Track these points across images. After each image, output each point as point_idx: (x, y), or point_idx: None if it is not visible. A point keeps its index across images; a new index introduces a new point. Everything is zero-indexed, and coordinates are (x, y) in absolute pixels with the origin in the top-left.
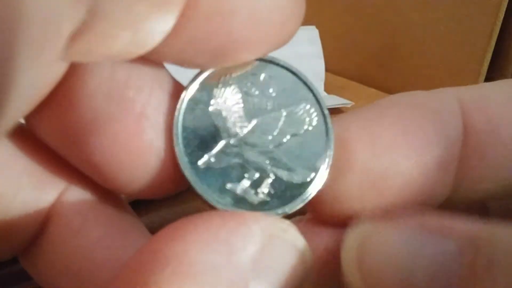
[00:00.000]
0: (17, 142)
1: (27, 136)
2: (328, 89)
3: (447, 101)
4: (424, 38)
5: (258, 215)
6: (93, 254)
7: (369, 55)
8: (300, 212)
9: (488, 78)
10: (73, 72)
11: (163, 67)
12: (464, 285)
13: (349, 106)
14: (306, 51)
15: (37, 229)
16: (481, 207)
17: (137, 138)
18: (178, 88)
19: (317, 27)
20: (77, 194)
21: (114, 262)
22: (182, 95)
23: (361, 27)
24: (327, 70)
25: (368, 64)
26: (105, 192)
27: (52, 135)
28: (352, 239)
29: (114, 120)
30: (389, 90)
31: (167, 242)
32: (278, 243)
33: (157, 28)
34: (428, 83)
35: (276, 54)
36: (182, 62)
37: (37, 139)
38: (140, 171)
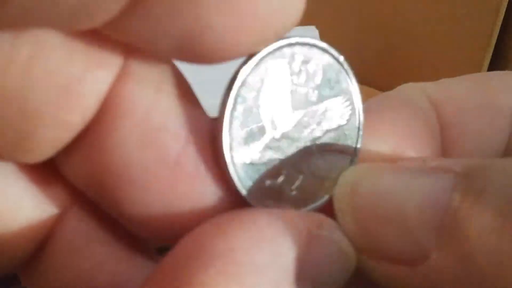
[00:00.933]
0: None
1: None
2: None
3: (420, 101)
4: (424, 38)
5: (304, 213)
6: (95, 277)
7: (369, 55)
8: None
9: None
10: (105, 113)
11: (200, 106)
12: (455, 214)
13: None
14: None
15: (38, 247)
16: None
17: (171, 190)
18: (217, 128)
19: (317, 27)
20: (80, 213)
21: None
22: (229, 86)
23: (361, 27)
24: None
25: (368, 64)
26: None
27: (81, 178)
28: (346, 176)
29: (146, 169)
30: (389, 90)
31: (211, 239)
32: (324, 244)
33: None
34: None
35: None
36: (149, 45)
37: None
38: (172, 223)
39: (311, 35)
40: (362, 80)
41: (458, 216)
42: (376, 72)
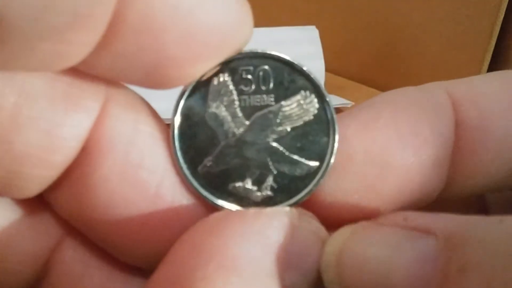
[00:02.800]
0: None
1: None
2: (328, 89)
3: (439, 97)
4: (424, 38)
5: (285, 208)
6: None
7: (369, 55)
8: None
9: None
10: (88, 152)
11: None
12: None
13: (349, 106)
14: (306, 51)
15: (37, 277)
16: (479, 199)
17: (152, 220)
18: (170, 147)
19: (317, 27)
20: (75, 242)
21: None
22: (177, 103)
23: (361, 27)
24: (327, 70)
25: (368, 64)
26: None
27: (68, 212)
28: (332, 243)
29: (128, 202)
30: (389, 90)
31: (206, 237)
32: (306, 234)
33: (80, 39)
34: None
35: None
36: (118, 77)
37: None
38: (157, 249)
39: (311, 35)
40: (362, 80)
41: None
42: (376, 72)
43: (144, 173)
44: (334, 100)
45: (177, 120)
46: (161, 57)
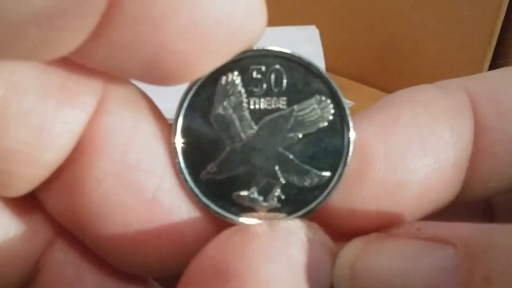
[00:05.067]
0: None
1: None
2: None
3: (458, 96)
4: (424, 38)
5: (298, 221)
6: None
7: (369, 55)
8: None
9: None
10: (82, 151)
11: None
12: None
13: (349, 106)
14: (306, 51)
15: (27, 279)
16: (484, 201)
17: (148, 225)
18: (172, 153)
19: (317, 27)
20: (67, 244)
21: None
22: (181, 102)
23: (361, 27)
24: (327, 70)
25: (368, 64)
26: None
27: (60, 213)
28: (344, 256)
29: (123, 206)
30: (389, 90)
31: (230, 260)
32: (317, 246)
33: (72, 26)
34: (428, 83)
35: None
36: (116, 71)
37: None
38: (151, 256)
39: (311, 34)
40: (362, 80)
41: None
42: (377, 72)
43: (141, 175)
44: None
45: (180, 121)
46: (161, 49)
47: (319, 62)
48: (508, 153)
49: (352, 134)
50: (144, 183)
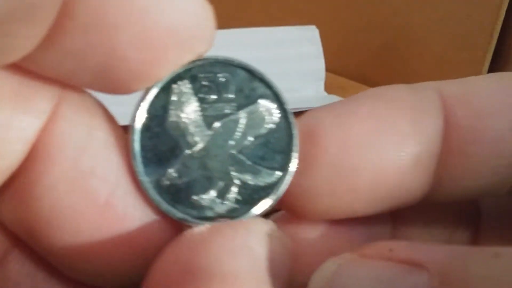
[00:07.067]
0: None
1: None
2: (328, 89)
3: (427, 95)
4: (424, 38)
5: (255, 219)
6: None
7: (369, 55)
8: (273, 210)
9: None
10: (35, 158)
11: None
12: None
13: None
14: (306, 51)
15: None
16: (471, 205)
17: (101, 231)
18: (129, 157)
19: (317, 27)
20: (23, 255)
21: None
22: (135, 110)
23: (361, 27)
24: (327, 70)
25: (369, 64)
26: None
27: (13, 222)
28: (317, 280)
29: (75, 212)
30: None
31: (195, 256)
32: (276, 242)
33: (22, 32)
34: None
35: (276, 54)
36: (68, 78)
37: None
38: (106, 264)
39: (311, 34)
40: (362, 80)
41: None
42: (377, 72)
43: (94, 182)
44: (335, 100)
45: (137, 129)
46: (112, 58)
47: (319, 62)
48: (480, 152)
49: (296, 134)
50: (97, 189)
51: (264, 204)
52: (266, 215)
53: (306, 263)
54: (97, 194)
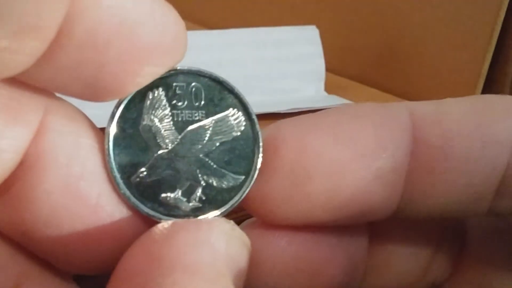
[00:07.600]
0: None
1: None
2: (328, 89)
3: (396, 113)
4: (424, 38)
5: (217, 218)
6: None
7: (370, 55)
8: (236, 211)
9: (488, 79)
10: (29, 166)
11: None
12: None
13: None
14: (306, 51)
15: None
16: (459, 226)
17: (94, 228)
18: (104, 157)
19: (317, 27)
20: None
21: None
22: (112, 114)
23: (361, 27)
24: (327, 70)
25: (369, 64)
26: (44, 262)
27: (7, 226)
28: None
29: (72, 214)
30: (390, 90)
31: (161, 248)
32: (235, 240)
33: (24, 49)
34: (429, 83)
35: (276, 54)
36: (57, 89)
37: None
38: (98, 256)
39: (311, 34)
40: (362, 80)
41: None
42: (377, 72)
43: (85, 185)
44: (334, 100)
45: (112, 131)
46: (102, 71)
47: (319, 62)
48: (449, 171)
49: (260, 143)
50: (88, 191)
51: (227, 205)
52: (240, 221)
53: (269, 268)
54: (88, 196)
